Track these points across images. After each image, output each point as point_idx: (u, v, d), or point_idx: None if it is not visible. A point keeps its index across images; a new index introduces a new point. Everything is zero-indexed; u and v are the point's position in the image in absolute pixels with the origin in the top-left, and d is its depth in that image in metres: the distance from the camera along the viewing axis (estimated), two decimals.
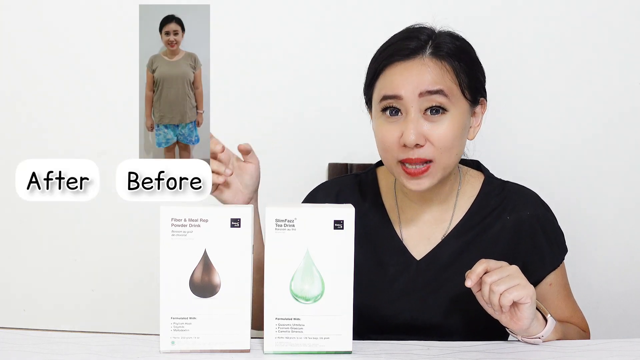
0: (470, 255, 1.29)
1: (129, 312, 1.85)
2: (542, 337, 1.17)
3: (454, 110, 1.23)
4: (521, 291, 1.11)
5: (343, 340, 1.11)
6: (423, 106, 1.23)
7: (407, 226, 1.36)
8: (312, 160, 1.79)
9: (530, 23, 1.78)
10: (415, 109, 1.22)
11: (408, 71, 1.23)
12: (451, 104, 1.23)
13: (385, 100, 1.24)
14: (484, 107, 1.32)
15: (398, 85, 1.23)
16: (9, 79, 1.82)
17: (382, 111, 1.25)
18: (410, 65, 1.23)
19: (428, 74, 1.22)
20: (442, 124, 1.23)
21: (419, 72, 1.23)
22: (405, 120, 1.23)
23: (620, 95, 1.79)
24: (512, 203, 1.35)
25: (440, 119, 1.23)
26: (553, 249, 1.35)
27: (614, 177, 1.81)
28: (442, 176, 1.26)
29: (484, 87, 1.31)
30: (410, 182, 1.25)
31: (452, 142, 1.23)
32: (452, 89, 1.23)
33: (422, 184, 1.24)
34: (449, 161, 1.25)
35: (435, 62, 1.24)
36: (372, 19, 1.76)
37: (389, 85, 1.24)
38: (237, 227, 1.10)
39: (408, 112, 1.23)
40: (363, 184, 1.42)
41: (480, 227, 1.34)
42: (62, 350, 1.11)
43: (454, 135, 1.23)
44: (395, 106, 1.24)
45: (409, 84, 1.22)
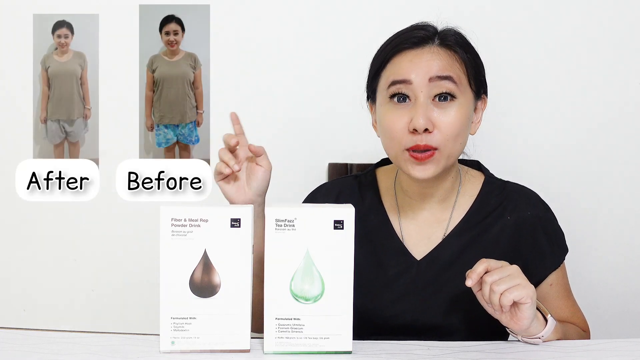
0: (471, 255, 1.29)
1: (129, 312, 1.85)
2: (542, 337, 1.17)
3: (461, 98, 1.25)
4: (521, 291, 1.11)
5: (343, 340, 1.11)
6: (432, 92, 1.23)
7: (407, 225, 1.36)
8: (312, 160, 1.79)
9: (530, 21, 1.78)
10: (425, 94, 1.23)
11: (418, 57, 1.25)
12: (459, 91, 1.24)
13: (394, 85, 1.25)
14: (484, 104, 1.33)
15: (408, 70, 1.24)
16: (8, 79, 1.82)
17: (390, 97, 1.26)
18: (420, 53, 1.25)
19: (438, 60, 1.24)
20: (451, 110, 1.23)
21: (429, 59, 1.24)
22: (414, 105, 1.23)
23: (621, 95, 1.79)
24: (512, 203, 1.35)
25: (449, 105, 1.24)
26: (554, 249, 1.35)
27: (615, 177, 1.81)
28: (445, 165, 1.26)
29: (486, 83, 1.32)
30: (416, 169, 1.24)
31: (459, 129, 1.24)
32: (460, 77, 1.25)
33: (427, 170, 1.24)
34: (453, 150, 1.25)
35: (444, 50, 1.26)
36: (372, 20, 1.76)
37: (398, 70, 1.25)
38: (237, 227, 1.09)
39: (417, 98, 1.23)
40: (362, 184, 1.42)
41: (480, 227, 1.34)
42: (62, 350, 1.11)
43: (461, 123, 1.24)
44: (404, 92, 1.24)
45: (419, 68, 1.23)
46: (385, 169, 1.43)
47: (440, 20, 1.30)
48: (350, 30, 1.77)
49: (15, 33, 1.81)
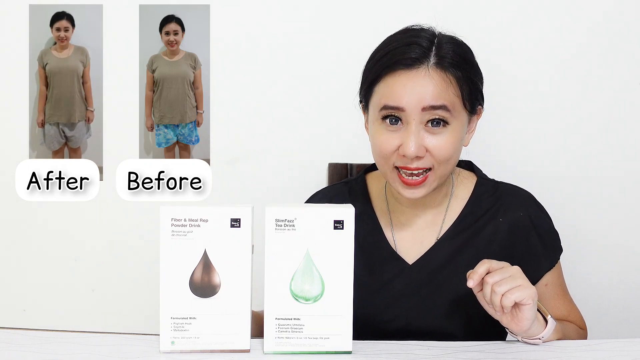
0: (464, 258, 1.29)
1: (129, 312, 1.85)
2: (543, 338, 1.17)
3: (454, 123, 1.23)
4: (523, 292, 1.10)
5: (343, 340, 1.11)
6: (425, 119, 1.21)
7: (399, 230, 1.35)
8: (312, 160, 1.79)
9: (526, 22, 1.77)
10: (417, 121, 1.21)
11: (412, 82, 1.21)
12: (453, 117, 1.22)
13: (386, 109, 1.23)
14: (479, 114, 1.31)
15: (401, 97, 1.21)
16: (1, 78, 1.81)
17: (382, 119, 1.24)
18: (413, 76, 1.21)
19: (432, 86, 1.20)
20: (443, 136, 1.22)
21: (423, 84, 1.21)
22: (405, 130, 1.22)
23: (620, 94, 1.79)
24: (505, 204, 1.35)
25: (441, 131, 1.22)
26: (547, 249, 1.34)
27: (614, 177, 1.81)
28: (437, 185, 1.26)
29: (482, 95, 1.30)
30: (406, 191, 1.24)
31: (451, 153, 1.23)
32: (454, 104, 1.22)
33: (418, 193, 1.24)
34: (445, 171, 1.25)
35: (439, 73, 1.21)
36: (372, 20, 1.76)
37: (391, 94, 1.22)
38: (237, 227, 1.09)
39: (409, 124, 1.21)
40: (353, 190, 1.41)
41: (473, 229, 1.33)
42: (62, 350, 1.11)
43: (453, 147, 1.23)
44: (396, 115, 1.22)
45: (413, 95, 1.20)
46: (376, 173, 1.42)
47: (436, 20, 1.28)
48: (351, 30, 1.77)
49: (9, 25, 1.74)
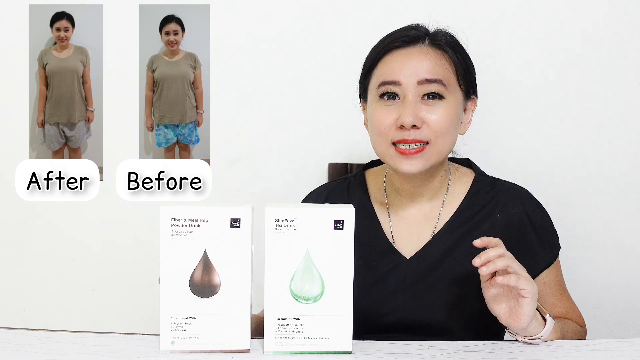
0: (460, 253, 1.30)
1: (129, 312, 1.85)
2: (542, 338, 1.17)
3: (450, 98, 1.27)
4: (527, 284, 1.11)
5: (343, 340, 1.11)
6: (421, 92, 1.26)
7: (397, 223, 1.36)
8: (312, 160, 1.79)
9: (523, 19, 1.78)
10: (414, 94, 1.25)
11: (407, 58, 1.27)
12: (448, 92, 1.27)
13: (383, 85, 1.27)
14: (474, 105, 1.35)
15: (397, 71, 1.26)
16: (1, 78, 1.81)
17: (380, 96, 1.28)
18: (409, 52, 1.27)
19: (428, 61, 1.26)
20: (439, 108, 1.26)
21: (418, 59, 1.26)
22: (402, 103, 1.26)
23: (619, 94, 1.79)
24: (502, 200, 1.35)
25: (437, 104, 1.26)
26: (544, 246, 1.34)
27: (614, 176, 1.81)
28: (435, 161, 1.27)
29: (475, 83, 1.34)
30: (403, 163, 1.26)
31: (447, 126, 1.26)
32: (449, 79, 1.27)
33: (416, 165, 1.25)
34: (443, 146, 1.27)
35: (434, 50, 1.28)
36: (372, 20, 1.76)
37: (388, 71, 1.27)
38: (237, 227, 1.10)
39: (406, 97, 1.26)
40: (351, 186, 1.43)
41: (470, 225, 1.34)
42: (62, 350, 1.11)
43: (450, 120, 1.26)
44: (393, 91, 1.27)
45: (409, 69, 1.25)
46: (375, 170, 1.44)
47: (432, 20, 1.32)
48: (351, 30, 1.78)
49: (9, 25, 1.75)
